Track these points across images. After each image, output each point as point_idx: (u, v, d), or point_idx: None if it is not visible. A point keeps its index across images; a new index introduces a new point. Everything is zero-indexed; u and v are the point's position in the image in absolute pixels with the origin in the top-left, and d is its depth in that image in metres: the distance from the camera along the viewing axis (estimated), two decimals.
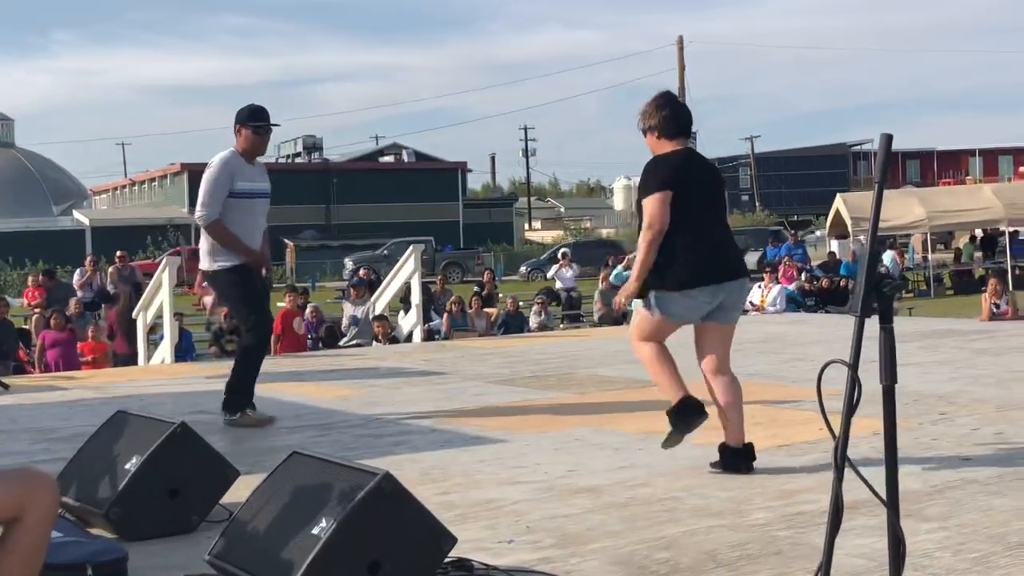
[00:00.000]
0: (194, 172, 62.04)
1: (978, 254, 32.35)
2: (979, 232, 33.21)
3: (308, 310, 17.64)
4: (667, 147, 5.74)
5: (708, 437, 5.93)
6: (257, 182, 7.74)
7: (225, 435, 7.22)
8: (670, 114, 5.74)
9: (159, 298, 13.18)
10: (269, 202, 7.93)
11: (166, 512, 4.82)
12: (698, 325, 5.76)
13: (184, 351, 15.24)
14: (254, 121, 7.65)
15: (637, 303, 5.82)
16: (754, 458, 5.73)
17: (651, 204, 5.58)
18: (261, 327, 7.69)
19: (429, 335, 16.82)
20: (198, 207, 7.56)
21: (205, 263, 7.74)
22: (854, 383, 2.71)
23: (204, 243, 7.71)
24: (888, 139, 2.71)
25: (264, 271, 7.91)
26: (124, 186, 77.75)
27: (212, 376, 10.90)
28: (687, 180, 5.64)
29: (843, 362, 2.74)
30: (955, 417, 7.10)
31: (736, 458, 5.70)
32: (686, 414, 5.68)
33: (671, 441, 5.75)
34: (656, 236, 5.56)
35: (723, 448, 5.74)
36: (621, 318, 19.88)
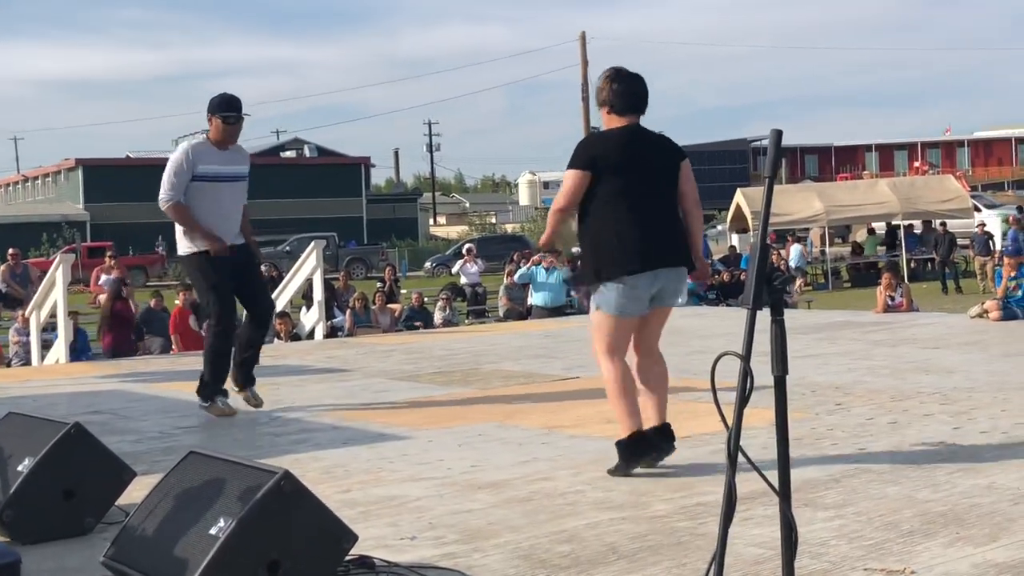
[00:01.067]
0: (89, 167, 61.03)
1: (881, 248, 32.97)
2: (880, 225, 33.88)
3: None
4: (616, 123, 5.58)
5: (609, 430, 5.96)
6: (226, 166, 7.76)
7: (121, 436, 7.10)
8: (619, 89, 5.58)
9: (53, 296, 12.89)
10: (245, 186, 7.93)
11: (60, 514, 4.73)
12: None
13: (80, 350, 14.96)
14: (223, 111, 7.73)
15: (594, 307, 5.64)
16: (674, 438, 5.60)
17: (565, 181, 5.53)
18: (222, 314, 7.65)
19: (332, 332, 16.71)
20: (160, 192, 7.63)
21: (178, 247, 7.83)
22: (746, 374, 2.74)
23: (177, 228, 7.81)
24: (778, 134, 2.74)
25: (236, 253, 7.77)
26: (17, 182, 76.07)
27: (107, 375, 10.72)
28: (621, 160, 5.47)
29: (736, 354, 2.76)
30: (851, 407, 7.23)
31: (659, 436, 5.55)
32: (637, 450, 5.50)
33: (618, 471, 5.53)
34: (561, 214, 5.55)
35: (639, 435, 5.52)
36: (526, 313, 19.98)
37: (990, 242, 28.70)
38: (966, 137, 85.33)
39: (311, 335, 15.42)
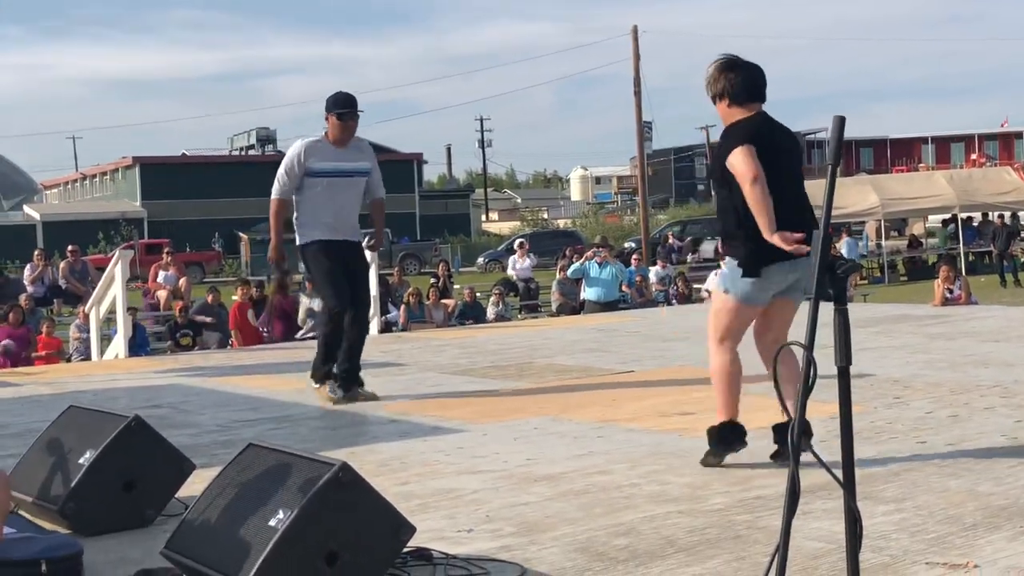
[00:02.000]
0: (145, 165, 61.65)
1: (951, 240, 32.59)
2: (935, 218, 33.56)
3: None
4: (739, 114, 5.33)
5: (664, 424, 5.93)
6: (342, 163, 7.98)
7: (181, 429, 7.16)
8: (738, 78, 5.32)
9: (112, 292, 13.03)
10: (364, 181, 8.17)
11: (121, 506, 4.77)
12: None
13: (138, 346, 15.11)
14: (337, 108, 7.95)
15: (716, 290, 5.52)
16: (811, 434, 5.26)
17: (741, 155, 5.14)
18: (334, 303, 7.89)
19: (386, 327, 16.76)
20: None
21: (297, 239, 8.16)
22: (809, 364, 2.71)
23: (295, 220, 8.16)
24: (840, 121, 2.71)
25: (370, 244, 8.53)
26: (75, 180, 77.02)
27: (166, 370, 10.83)
28: (771, 146, 5.26)
29: (799, 344, 2.74)
30: (910, 401, 7.15)
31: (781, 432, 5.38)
32: (728, 438, 5.42)
33: (708, 461, 5.47)
34: (762, 184, 5.10)
35: (732, 424, 5.44)
36: (580, 307, 19.94)
37: None
38: (1023, 129, 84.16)
39: None
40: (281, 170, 7.99)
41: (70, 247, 20.01)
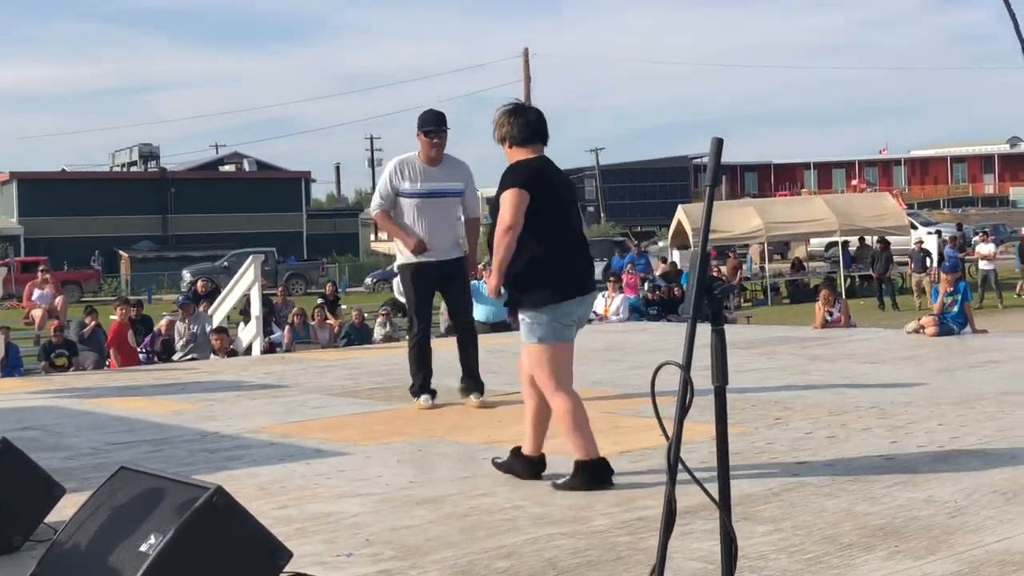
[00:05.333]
0: (23, 181, 60.17)
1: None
2: (817, 242, 34.25)
3: (163, 323, 17.21)
4: (521, 154, 5.65)
5: (548, 445, 5.91)
6: (431, 183, 8.10)
7: (52, 452, 6.96)
8: (521, 121, 5.65)
9: None
10: (457, 201, 8.31)
11: None
12: None
13: (11, 366, 14.69)
14: (425, 127, 8.04)
15: (526, 344, 5.64)
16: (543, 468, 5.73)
17: (508, 198, 5.46)
18: (417, 322, 8.42)
19: (270, 348, 16.55)
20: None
21: (397, 258, 8.55)
22: (686, 384, 2.71)
23: (395, 242, 8.45)
24: (718, 143, 2.72)
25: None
26: None
27: (40, 391, 10.53)
28: (550, 187, 5.56)
29: (676, 363, 2.73)
30: (789, 421, 7.24)
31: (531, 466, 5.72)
32: (599, 475, 5.47)
33: (565, 487, 5.49)
34: (512, 235, 5.43)
35: (601, 461, 5.54)
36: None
37: (927, 259, 29.04)
38: (903, 156, 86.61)
39: (248, 351, 15.25)
40: (378, 187, 8.29)
41: None
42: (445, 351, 9.24)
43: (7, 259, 44.14)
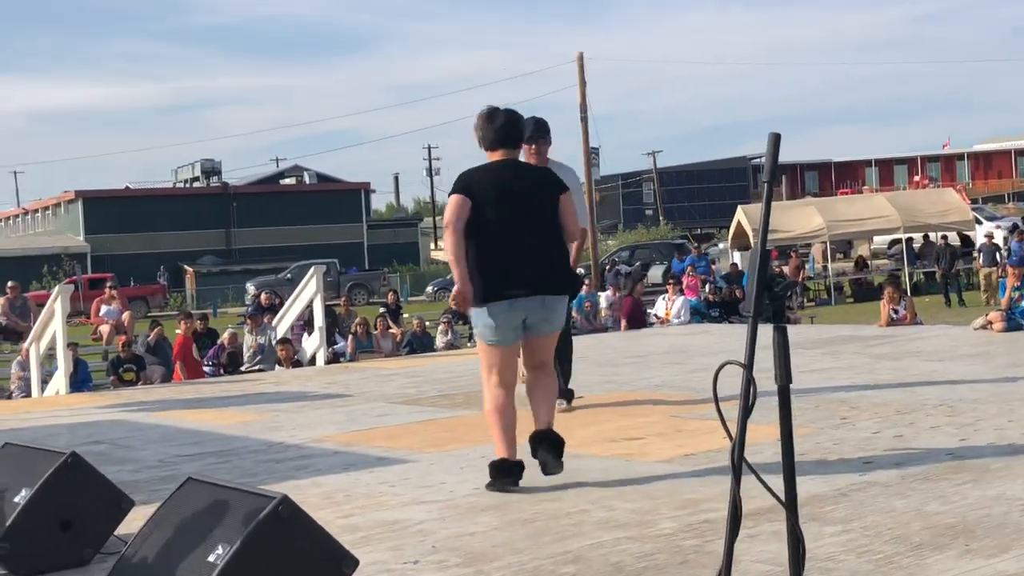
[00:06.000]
0: (89, 199, 61.10)
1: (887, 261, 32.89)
2: (881, 240, 33.85)
3: (226, 336, 17.38)
4: (493, 157, 5.86)
5: (612, 449, 5.90)
6: None
7: (120, 465, 7.04)
8: (491, 126, 5.84)
9: (52, 327, 12.83)
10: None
11: (58, 545, 4.66)
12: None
13: (80, 381, 14.90)
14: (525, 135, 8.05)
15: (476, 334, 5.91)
16: (561, 444, 5.75)
17: (448, 203, 5.76)
18: None
19: (334, 358, 16.64)
20: None
21: None
22: (749, 383, 2.68)
23: None
24: (776, 138, 2.69)
25: None
26: (17, 215, 76.16)
27: (108, 406, 10.67)
28: (494, 191, 5.70)
29: (738, 363, 2.71)
30: (856, 421, 7.16)
31: (544, 444, 5.73)
32: (500, 474, 5.68)
33: (491, 487, 5.70)
34: (451, 236, 5.66)
35: (504, 461, 5.71)
36: None
37: (997, 253, 28.51)
38: (965, 150, 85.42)
39: (312, 361, 15.35)
40: None
41: (10, 283, 19.70)
42: None
43: (75, 276, 44.83)
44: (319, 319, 15.11)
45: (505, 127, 5.85)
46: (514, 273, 5.65)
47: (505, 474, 5.67)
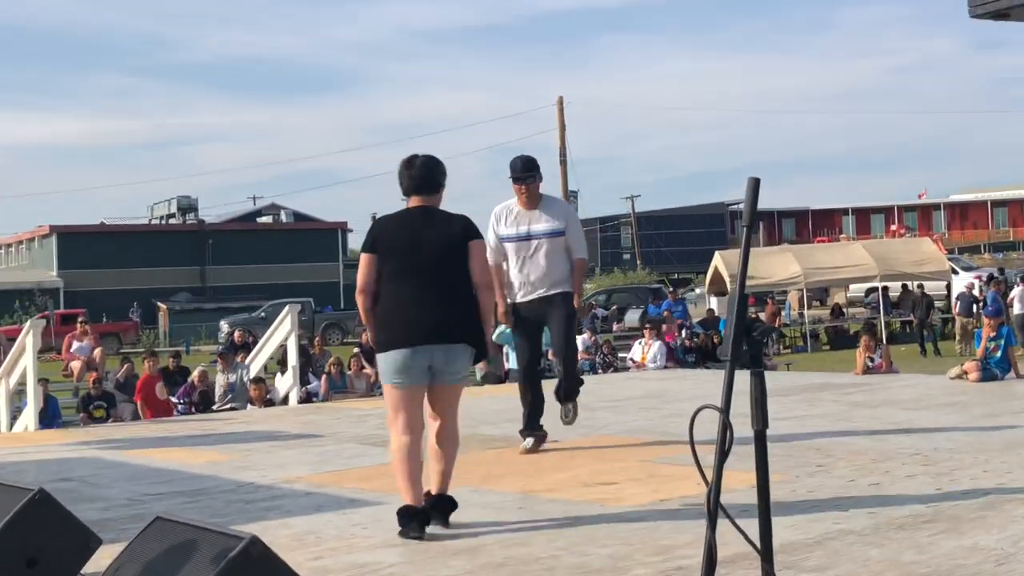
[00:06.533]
0: (63, 234, 60.78)
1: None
2: (857, 288, 33.97)
3: (196, 374, 17.27)
4: (411, 203, 5.97)
5: (586, 494, 5.85)
6: (526, 226, 8.26)
7: (89, 503, 6.94)
8: (407, 172, 5.95)
9: (22, 363, 12.71)
10: (557, 241, 8.29)
11: None
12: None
13: (50, 417, 14.75)
14: (513, 174, 8.24)
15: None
16: (453, 508, 5.82)
17: (359, 265, 5.89)
18: (517, 367, 8.85)
19: (307, 397, 16.54)
20: None
21: None
22: (725, 428, 2.65)
23: None
24: (755, 183, 2.68)
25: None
26: None
27: (78, 443, 10.55)
28: (398, 240, 5.81)
29: (715, 407, 2.68)
30: (832, 469, 7.13)
31: (435, 507, 5.76)
32: (405, 520, 5.63)
33: (402, 535, 5.64)
34: (359, 300, 5.85)
35: (408, 508, 5.67)
36: (504, 377, 19.84)
37: (975, 305, 28.54)
38: (942, 200, 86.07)
39: (285, 400, 15.25)
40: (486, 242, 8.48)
41: None
42: (482, 397, 9.17)
43: (47, 312, 44.53)
44: (292, 358, 15.02)
45: (421, 173, 5.94)
46: (415, 323, 5.70)
47: (409, 521, 5.62)
